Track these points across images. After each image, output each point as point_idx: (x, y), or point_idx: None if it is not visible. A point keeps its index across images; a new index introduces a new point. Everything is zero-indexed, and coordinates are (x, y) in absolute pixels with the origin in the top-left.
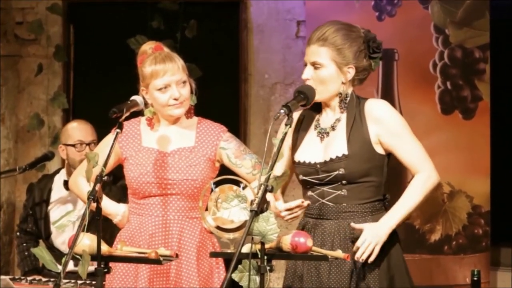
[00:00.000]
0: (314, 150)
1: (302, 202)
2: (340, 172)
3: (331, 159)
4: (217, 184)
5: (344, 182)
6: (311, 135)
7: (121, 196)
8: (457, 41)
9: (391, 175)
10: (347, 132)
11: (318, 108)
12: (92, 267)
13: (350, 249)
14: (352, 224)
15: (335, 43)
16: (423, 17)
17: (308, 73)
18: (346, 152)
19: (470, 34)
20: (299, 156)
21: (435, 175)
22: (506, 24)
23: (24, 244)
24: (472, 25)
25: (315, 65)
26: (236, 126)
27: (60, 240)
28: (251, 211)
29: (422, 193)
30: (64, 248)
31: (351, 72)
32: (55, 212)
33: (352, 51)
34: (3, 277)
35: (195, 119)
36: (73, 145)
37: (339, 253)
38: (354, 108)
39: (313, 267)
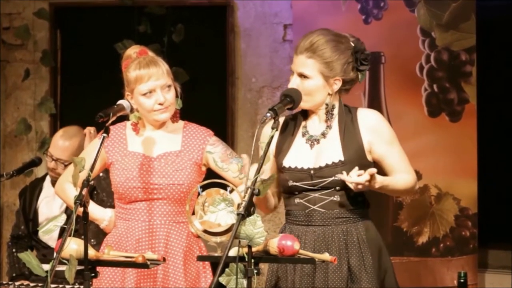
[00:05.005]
0: (304, 156)
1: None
2: (336, 178)
3: (327, 165)
4: (204, 187)
5: (338, 188)
6: (299, 141)
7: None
8: (444, 44)
9: None
10: (341, 139)
11: (303, 114)
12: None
13: (346, 255)
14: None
15: (323, 56)
16: (409, 20)
17: (294, 83)
18: (342, 158)
19: (457, 36)
20: (288, 162)
21: (417, 184)
22: (492, 26)
23: (14, 250)
24: (458, 27)
25: (301, 76)
26: (224, 129)
27: (47, 235)
28: (238, 214)
29: (404, 185)
30: (52, 243)
31: (337, 84)
32: (43, 208)
33: (340, 63)
34: None
35: (181, 123)
36: (45, 153)
37: (326, 256)
38: (344, 115)
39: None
